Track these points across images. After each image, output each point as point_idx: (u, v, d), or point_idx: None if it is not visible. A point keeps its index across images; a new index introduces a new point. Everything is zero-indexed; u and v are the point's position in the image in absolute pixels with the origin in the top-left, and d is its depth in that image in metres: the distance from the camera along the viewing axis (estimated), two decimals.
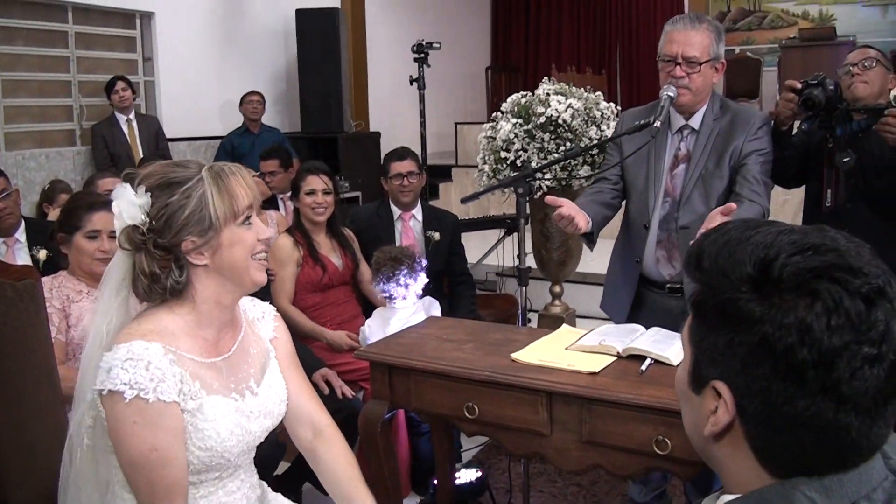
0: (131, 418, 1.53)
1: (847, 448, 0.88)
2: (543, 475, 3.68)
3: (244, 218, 1.67)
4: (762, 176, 2.72)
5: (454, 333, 2.67)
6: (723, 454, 0.97)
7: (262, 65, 8.37)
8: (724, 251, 0.93)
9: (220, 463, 1.68)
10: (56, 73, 6.71)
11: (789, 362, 0.86)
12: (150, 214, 1.60)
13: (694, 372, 0.98)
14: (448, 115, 10.22)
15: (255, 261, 1.70)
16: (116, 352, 1.56)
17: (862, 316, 0.85)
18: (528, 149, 4.21)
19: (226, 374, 1.71)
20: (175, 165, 1.67)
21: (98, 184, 4.33)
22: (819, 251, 0.88)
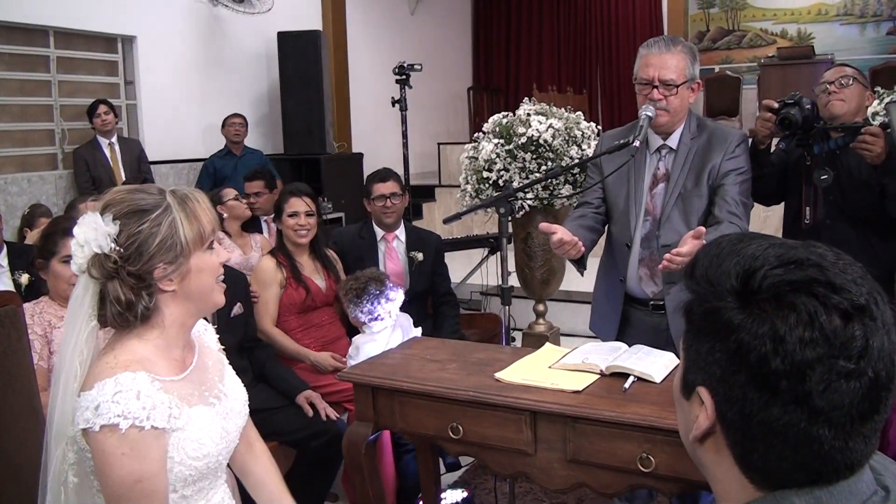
0: (120, 450, 1.53)
1: (821, 461, 0.89)
2: (529, 494, 3.67)
3: (209, 243, 1.70)
4: (740, 196, 2.75)
5: (438, 354, 2.68)
6: (709, 460, 0.98)
7: (244, 87, 8.38)
8: (714, 262, 0.95)
9: (213, 468, 1.73)
10: (38, 97, 6.70)
11: (763, 371, 0.87)
12: (119, 242, 1.59)
13: (684, 378, 1.00)
14: (431, 135, 10.26)
15: (218, 284, 1.75)
16: (102, 388, 1.54)
17: (838, 331, 0.86)
18: (510, 168, 4.24)
19: (197, 385, 1.74)
20: (137, 191, 1.66)
21: (80, 208, 4.32)
22: (802, 265, 0.90)
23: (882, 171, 2.97)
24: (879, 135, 2.90)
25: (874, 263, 3.16)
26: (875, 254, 3.16)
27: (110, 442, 1.53)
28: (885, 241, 3.18)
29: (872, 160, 2.93)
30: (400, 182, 4.15)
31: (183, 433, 1.63)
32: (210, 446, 1.68)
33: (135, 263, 1.60)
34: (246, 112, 7.67)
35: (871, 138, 2.89)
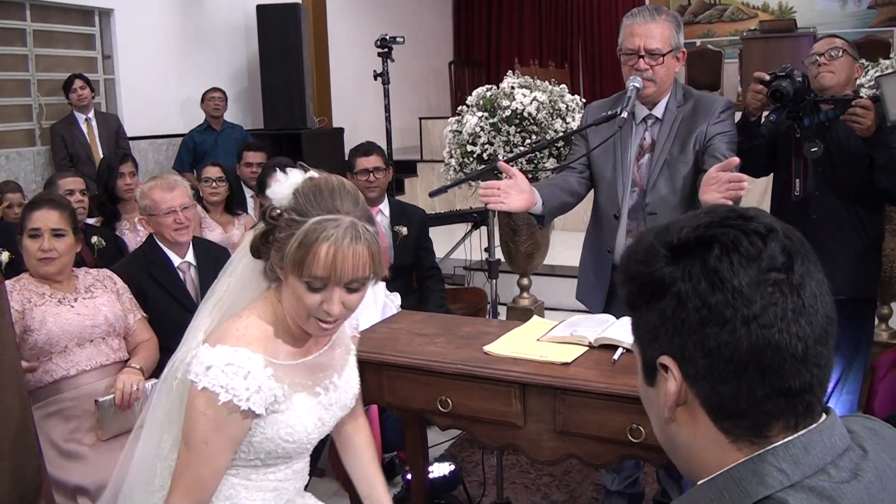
0: (205, 411, 1.62)
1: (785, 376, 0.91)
2: (516, 467, 3.69)
3: (309, 283, 1.63)
4: (730, 153, 2.75)
5: (425, 328, 2.67)
6: (687, 435, 0.98)
7: (223, 61, 8.29)
8: (640, 247, 1.01)
9: (301, 451, 1.81)
10: (14, 71, 6.59)
11: (708, 308, 0.91)
12: (284, 208, 1.65)
13: (643, 366, 1.02)
14: (412, 110, 10.20)
15: (312, 320, 1.69)
16: (220, 352, 1.63)
17: (761, 250, 0.92)
18: (494, 142, 4.22)
19: (313, 372, 1.80)
20: (326, 193, 1.65)
21: (59, 184, 4.27)
22: (714, 212, 0.98)
23: (871, 144, 2.99)
24: (870, 107, 2.91)
25: (861, 235, 3.18)
26: (863, 225, 3.18)
27: (202, 402, 1.62)
28: (873, 213, 3.20)
29: (862, 132, 2.94)
30: (383, 156, 4.12)
31: (281, 416, 1.71)
32: (302, 434, 1.75)
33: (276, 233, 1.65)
34: (225, 86, 7.58)
35: (862, 111, 2.90)
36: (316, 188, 1.65)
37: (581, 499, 3.43)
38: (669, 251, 0.96)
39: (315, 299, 1.63)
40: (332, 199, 1.63)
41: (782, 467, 0.90)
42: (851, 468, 0.91)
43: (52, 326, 2.79)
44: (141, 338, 3.05)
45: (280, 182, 1.67)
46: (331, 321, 1.67)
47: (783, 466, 0.90)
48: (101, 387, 2.84)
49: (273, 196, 1.67)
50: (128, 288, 3.10)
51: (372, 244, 1.63)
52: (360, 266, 1.61)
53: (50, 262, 2.84)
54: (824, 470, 0.90)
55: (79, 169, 6.01)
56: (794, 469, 0.90)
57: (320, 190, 1.64)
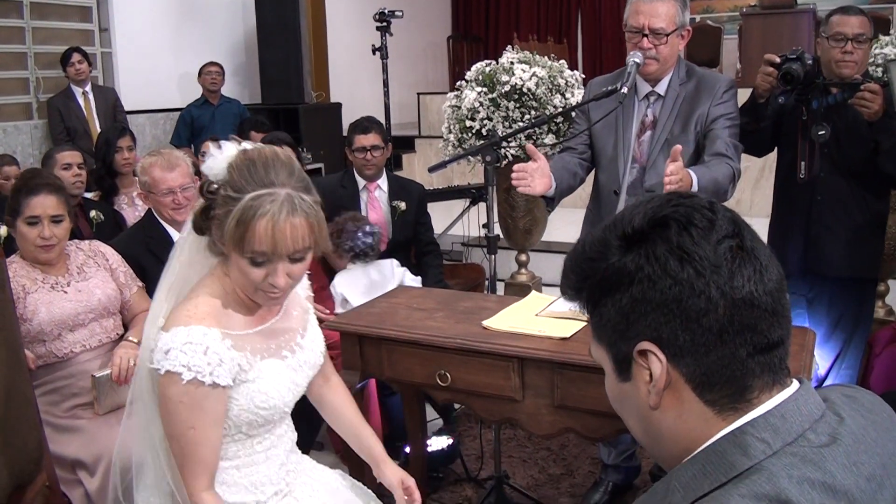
0: (179, 398, 1.63)
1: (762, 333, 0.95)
2: (513, 441, 3.72)
3: (252, 259, 1.64)
4: (732, 139, 2.75)
5: (424, 302, 2.68)
6: (672, 419, 0.99)
7: (221, 35, 8.24)
8: (588, 246, 1.03)
9: (279, 415, 1.83)
10: (10, 44, 6.55)
11: (681, 282, 0.94)
12: (220, 183, 1.66)
13: (616, 362, 1.03)
14: (409, 85, 10.16)
15: (260, 292, 1.71)
16: (175, 335, 1.64)
17: (712, 220, 0.96)
18: (494, 118, 4.21)
19: (275, 337, 1.82)
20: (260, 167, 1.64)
21: (56, 157, 4.24)
22: (655, 199, 1.01)
23: (877, 128, 2.99)
24: (879, 92, 2.91)
25: (866, 215, 3.20)
26: (867, 207, 3.20)
27: (172, 388, 1.64)
28: (877, 195, 3.21)
29: (870, 117, 2.94)
30: (382, 133, 4.11)
31: (252, 385, 1.73)
32: (277, 398, 1.77)
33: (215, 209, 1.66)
34: (223, 60, 7.54)
35: (871, 95, 2.90)
36: (249, 162, 1.64)
37: (578, 472, 3.46)
38: (623, 241, 0.98)
39: (259, 273, 1.65)
40: (267, 172, 1.63)
41: (763, 437, 0.92)
42: (829, 433, 0.94)
43: (44, 316, 2.75)
44: (139, 308, 3.02)
45: (214, 156, 1.67)
46: (277, 292, 1.69)
47: (764, 436, 0.92)
48: (96, 364, 2.83)
49: (208, 171, 1.68)
50: (123, 261, 3.06)
51: (310, 214, 1.64)
52: (299, 238, 1.62)
53: (50, 248, 2.80)
54: (803, 436, 0.93)
55: (76, 143, 5.99)
56: (774, 437, 0.92)
57: (254, 163, 1.64)
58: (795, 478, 0.89)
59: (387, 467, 2.02)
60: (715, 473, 0.92)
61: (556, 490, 3.33)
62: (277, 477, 1.88)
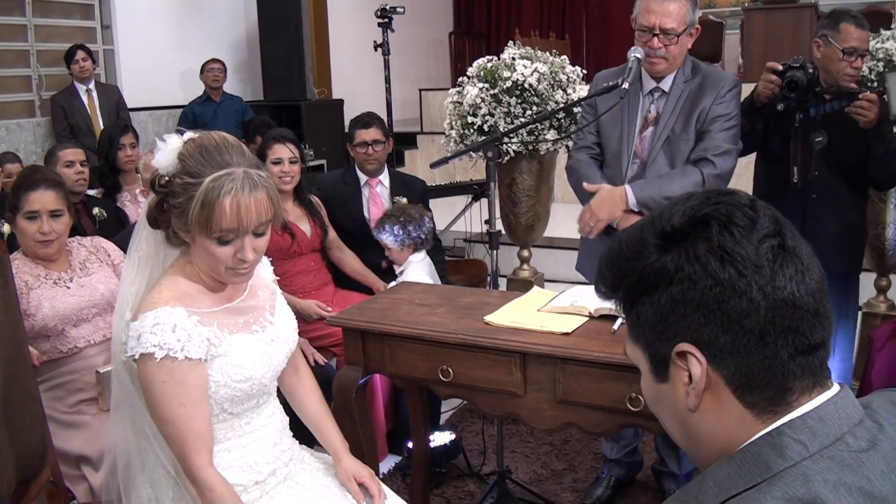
0: (161, 378, 1.68)
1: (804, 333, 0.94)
2: (516, 436, 3.73)
3: (220, 238, 1.71)
4: (725, 143, 2.76)
5: (427, 298, 2.68)
6: (711, 421, 0.98)
7: (223, 32, 8.24)
8: (622, 250, 1.01)
9: (258, 389, 1.86)
10: (13, 41, 6.55)
11: (722, 283, 0.92)
12: (171, 174, 1.71)
13: (653, 363, 1.02)
14: (411, 81, 10.16)
15: (229, 270, 1.77)
16: (143, 320, 1.70)
17: (754, 219, 0.94)
18: (495, 113, 4.21)
19: (242, 314, 1.87)
20: (213, 151, 1.71)
21: (59, 155, 4.25)
22: (694, 197, 0.99)
23: (871, 136, 3.04)
24: (875, 102, 2.94)
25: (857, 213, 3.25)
26: (858, 204, 3.26)
27: (150, 370, 1.69)
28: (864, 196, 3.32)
29: (865, 125, 2.99)
30: (383, 128, 4.11)
31: (225, 359, 1.78)
32: (252, 370, 1.81)
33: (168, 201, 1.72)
34: (225, 57, 7.55)
35: (868, 104, 2.94)
36: (202, 148, 1.71)
37: (580, 467, 3.47)
38: (661, 240, 0.97)
39: (227, 251, 1.73)
40: (221, 155, 1.70)
41: (801, 439, 0.91)
42: (869, 438, 0.92)
43: (47, 311, 2.76)
44: None
45: (161, 150, 1.73)
46: (246, 267, 1.77)
47: (801, 438, 0.91)
48: (100, 360, 2.84)
49: (158, 164, 1.73)
50: (124, 257, 3.07)
51: (269, 188, 1.73)
52: (262, 211, 1.72)
53: (49, 243, 2.80)
54: (842, 439, 0.91)
55: (79, 140, 6.00)
56: (812, 440, 0.91)
57: (206, 148, 1.71)
58: (831, 482, 0.87)
59: (342, 462, 2.07)
60: (750, 474, 0.91)
61: (559, 485, 3.34)
62: (272, 456, 1.91)
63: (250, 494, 1.85)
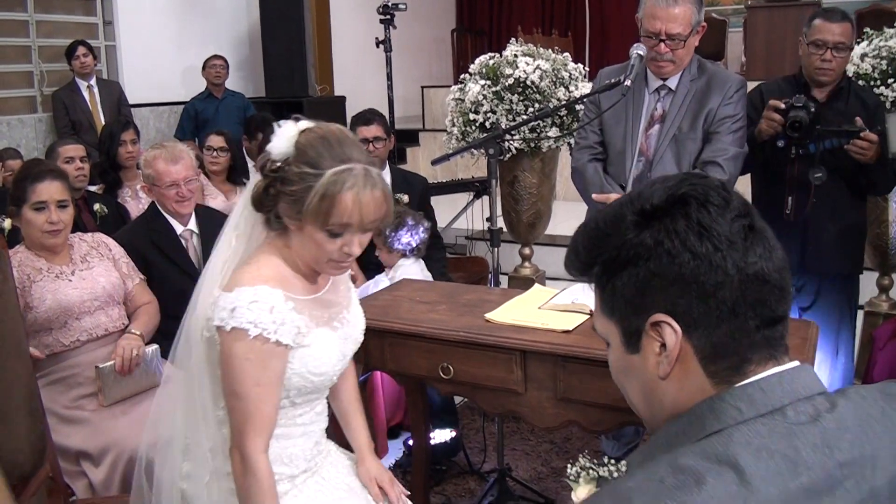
0: (246, 354, 1.69)
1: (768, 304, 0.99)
2: (517, 434, 3.72)
3: (331, 231, 1.71)
4: (733, 146, 2.75)
5: (427, 295, 2.68)
6: (675, 390, 1.02)
7: (225, 28, 8.23)
8: (600, 227, 1.05)
9: (327, 384, 1.90)
10: (15, 37, 6.55)
11: (699, 257, 0.97)
12: (287, 162, 1.71)
13: (625, 335, 1.05)
14: (413, 78, 10.14)
15: (331, 262, 1.78)
16: (240, 294, 1.70)
17: (727, 198, 1.00)
18: (497, 110, 4.20)
19: (327, 307, 1.89)
20: (335, 143, 1.71)
21: (59, 151, 4.26)
22: (671, 178, 1.04)
23: (870, 169, 3.08)
24: (875, 142, 2.96)
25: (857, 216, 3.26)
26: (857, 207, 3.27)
27: (238, 345, 1.70)
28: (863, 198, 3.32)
29: (864, 162, 3.01)
30: (384, 124, 4.10)
31: (308, 350, 1.79)
32: (328, 365, 1.85)
33: (282, 186, 1.71)
34: (226, 54, 7.53)
35: (867, 144, 2.95)
36: (323, 140, 1.71)
37: None
38: (641, 217, 1.00)
39: (336, 245, 1.74)
40: (343, 148, 1.71)
41: (738, 405, 0.96)
42: (812, 413, 0.95)
43: (50, 303, 2.77)
44: (141, 301, 3.04)
45: (277, 136, 1.73)
46: (349, 261, 1.80)
47: (739, 404, 0.96)
48: (101, 355, 2.85)
49: (273, 150, 1.73)
50: (125, 252, 3.08)
51: (385, 187, 1.74)
52: (380, 209, 1.73)
53: (57, 233, 2.83)
54: (781, 410, 0.95)
55: (80, 136, 6.00)
56: (749, 407, 0.96)
57: (328, 140, 1.71)
58: (755, 445, 0.91)
59: (365, 462, 2.09)
60: (690, 432, 0.97)
61: (559, 483, 3.34)
62: (310, 454, 1.94)
63: (281, 486, 1.85)
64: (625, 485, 0.93)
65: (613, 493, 0.93)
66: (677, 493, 0.88)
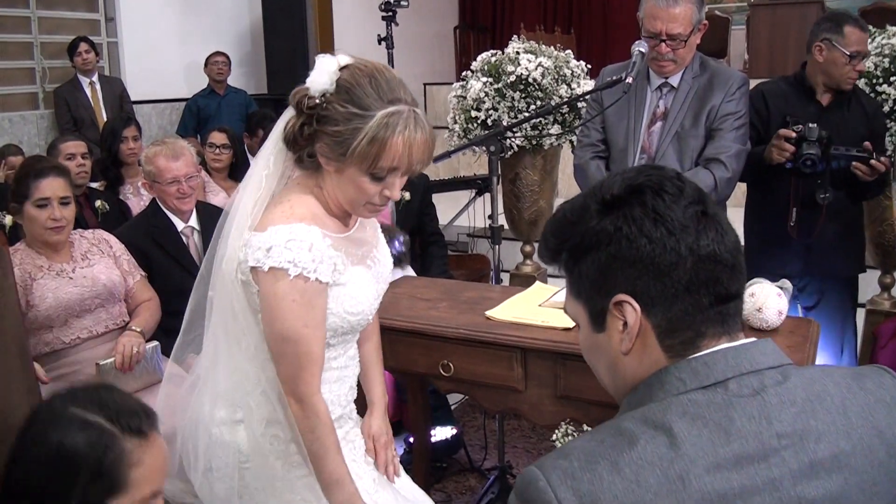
0: (291, 297, 1.64)
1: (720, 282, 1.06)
2: (517, 431, 3.72)
3: (375, 174, 1.66)
4: (735, 143, 2.75)
5: (428, 293, 2.68)
6: (635, 364, 1.10)
7: (227, 25, 8.23)
8: (567, 216, 1.14)
9: (361, 325, 1.85)
10: (17, 34, 6.55)
11: (655, 240, 1.05)
12: (327, 99, 1.64)
13: (592, 315, 1.13)
14: (416, 75, 10.12)
15: (367, 205, 1.73)
16: (275, 233, 1.65)
17: (681, 188, 1.08)
18: (499, 108, 4.19)
19: (359, 245, 1.85)
20: (384, 83, 1.65)
21: (60, 148, 4.26)
22: (630, 170, 1.13)
23: (867, 185, 3.08)
24: (887, 166, 2.99)
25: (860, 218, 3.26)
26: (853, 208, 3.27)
27: (280, 286, 1.64)
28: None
29: (864, 180, 3.02)
30: None
31: (344, 289, 1.75)
32: (365, 304, 1.80)
33: (320, 125, 1.65)
34: (229, 50, 7.53)
35: (872, 172, 2.97)
36: (371, 79, 1.65)
37: None
38: (602, 206, 1.09)
39: (376, 188, 1.69)
40: (391, 89, 1.65)
41: (682, 377, 1.04)
42: (756, 387, 1.03)
43: (51, 302, 2.77)
44: (142, 297, 3.05)
45: (318, 70, 1.67)
46: (385, 205, 1.75)
47: (682, 376, 1.04)
48: (101, 352, 2.85)
49: (312, 84, 1.66)
50: (125, 249, 3.09)
51: (429, 129, 1.69)
52: (427, 151, 1.69)
53: (60, 230, 2.83)
54: (723, 384, 1.03)
55: (82, 133, 6.00)
56: (692, 379, 1.04)
57: (377, 80, 1.65)
58: (690, 413, 1.00)
59: (372, 414, 2.06)
60: (641, 401, 1.06)
61: None
62: (346, 399, 1.91)
63: None
64: (572, 444, 1.03)
65: (562, 450, 1.03)
66: (611, 452, 0.97)
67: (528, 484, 0.99)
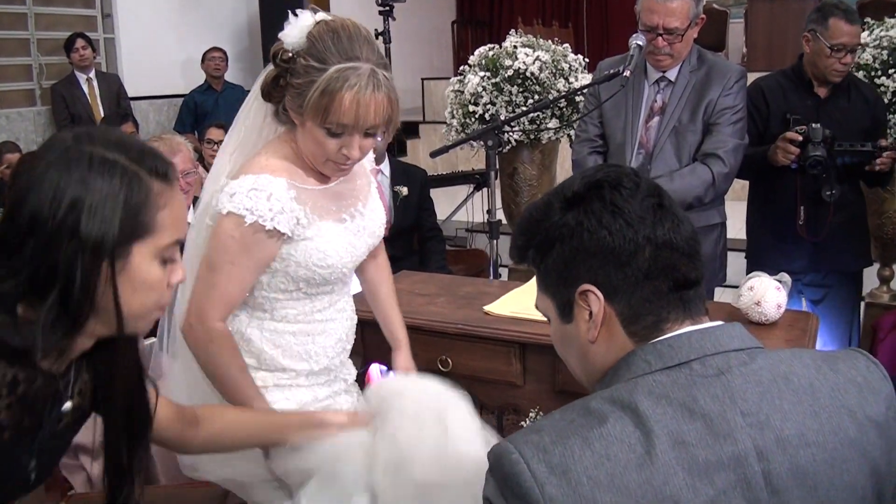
0: (233, 234, 1.69)
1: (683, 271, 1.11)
2: (516, 427, 3.70)
3: (329, 129, 1.67)
4: (732, 138, 2.73)
5: (426, 288, 2.67)
6: (603, 351, 1.15)
7: (224, 20, 8.21)
8: (533, 214, 1.19)
9: (337, 277, 1.85)
10: (14, 30, 6.54)
11: (613, 232, 1.10)
12: (299, 53, 1.66)
13: (559, 307, 1.18)
14: (414, 70, 10.10)
15: (330, 163, 1.74)
16: (243, 181, 1.69)
17: (637, 182, 1.14)
18: (497, 102, 4.19)
19: (337, 200, 1.85)
20: (345, 39, 1.66)
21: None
22: (590, 169, 1.19)
23: (870, 176, 3.13)
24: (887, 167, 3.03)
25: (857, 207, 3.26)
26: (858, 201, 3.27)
27: (228, 226, 1.69)
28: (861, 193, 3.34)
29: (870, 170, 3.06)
30: None
31: (311, 243, 1.77)
32: (334, 258, 1.80)
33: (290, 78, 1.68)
34: (226, 46, 7.52)
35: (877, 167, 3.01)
36: (333, 33, 1.66)
37: None
38: (564, 202, 1.14)
39: (334, 144, 1.69)
40: (351, 45, 1.66)
41: (647, 359, 1.09)
42: (721, 368, 1.06)
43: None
44: None
45: (292, 24, 1.68)
46: (348, 164, 1.75)
47: (648, 358, 1.09)
48: None
49: (285, 38, 1.68)
50: None
51: (390, 91, 1.68)
52: (380, 113, 1.67)
53: None
54: (688, 364, 1.07)
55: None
56: (657, 360, 1.08)
57: (338, 35, 1.66)
58: (656, 393, 1.04)
59: (399, 355, 2.11)
60: (610, 383, 1.11)
61: None
62: (333, 351, 1.93)
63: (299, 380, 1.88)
64: (541, 422, 1.08)
65: (532, 426, 1.08)
66: (581, 430, 1.01)
67: (500, 457, 1.02)
